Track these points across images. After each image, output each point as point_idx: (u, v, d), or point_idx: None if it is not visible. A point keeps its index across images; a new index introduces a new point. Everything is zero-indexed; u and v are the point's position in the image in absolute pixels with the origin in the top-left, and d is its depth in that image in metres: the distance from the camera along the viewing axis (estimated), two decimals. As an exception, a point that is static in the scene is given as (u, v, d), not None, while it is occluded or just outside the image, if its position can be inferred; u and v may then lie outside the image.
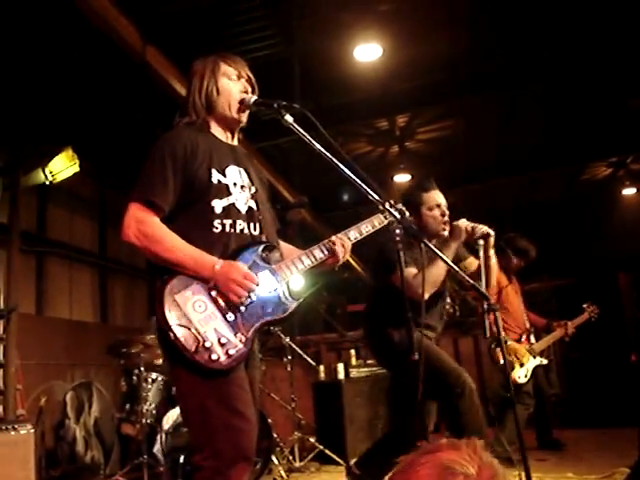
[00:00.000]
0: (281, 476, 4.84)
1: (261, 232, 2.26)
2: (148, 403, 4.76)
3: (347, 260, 2.38)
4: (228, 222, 2.16)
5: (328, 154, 2.21)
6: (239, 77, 2.32)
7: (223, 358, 1.97)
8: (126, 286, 8.33)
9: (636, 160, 10.34)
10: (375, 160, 8.97)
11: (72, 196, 7.40)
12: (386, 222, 2.41)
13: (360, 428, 5.64)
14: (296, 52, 6.24)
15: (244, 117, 2.32)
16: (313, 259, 2.25)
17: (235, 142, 2.38)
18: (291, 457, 5.32)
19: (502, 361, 4.70)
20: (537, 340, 5.26)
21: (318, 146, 2.21)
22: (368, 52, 6.37)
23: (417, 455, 1.12)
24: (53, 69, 5.63)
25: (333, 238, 2.29)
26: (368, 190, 2.22)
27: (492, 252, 3.25)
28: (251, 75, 2.36)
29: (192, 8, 5.27)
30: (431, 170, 9.52)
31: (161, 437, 4.46)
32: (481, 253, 3.06)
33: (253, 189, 2.30)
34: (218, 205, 2.15)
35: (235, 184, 2.23)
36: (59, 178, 6.19)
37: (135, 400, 4.82)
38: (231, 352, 1.99)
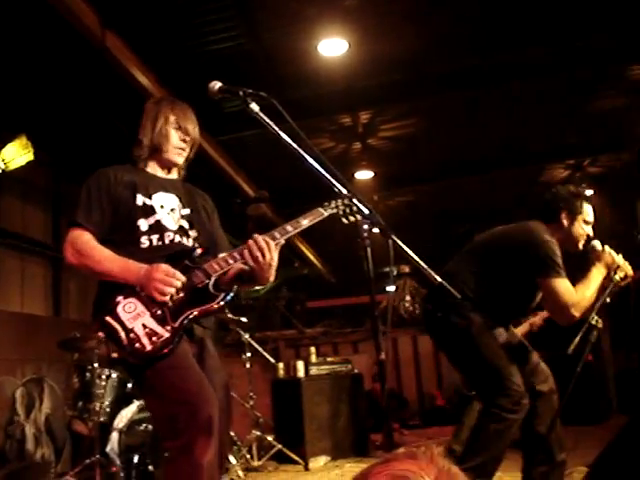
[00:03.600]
0: (238, 475, 4.75)
1: (194, 244, 2.54)
2: (101, 401, 4.61)
3: (308, 256, 2.40)
4: (155, 237, 2.45)
5: (294, 145, 2.17)
6: (180, 127, 2.62)
7: (149, 347, 2.20)
8: (80, 279, 8.10)
9: (593, 163, 10.53)
10: (337, 156, 8.91)
11: (25, 185, 7.16)
12: (326, 214, 2.50)
13: (319, 427, 5.58)
14: (259, 44, 6.15)
15: (180, 160, 2.65)
16: (238, 257, 2.39)
17: (173, 176, 2.69)
18: (249, 456, 5.24)
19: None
20: None
21: (284, 136, 2.17)
22: (333, 47, 6.30)
23: (372, 466, 1.08)
24: (6, 52, 5.41)
25: (249, 241, 2.36)
26: (336, 183, 2.17)
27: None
28: (191, 126, 2.65)
29: (154, -5, 5.13)
30: (393, 168, 9.58)
31: (114, 436, 4.34)
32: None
33: (185, 211, 2.59)
34: (144, 224, 2.45)
35: (162, 206, 2.52)
36: (12, 166, 5.97)
37: (88, 397, 4.65)
38: (154, 339, 2.22)
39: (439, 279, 2.14)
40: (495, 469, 3.09)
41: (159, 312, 2.27)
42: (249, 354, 5.56)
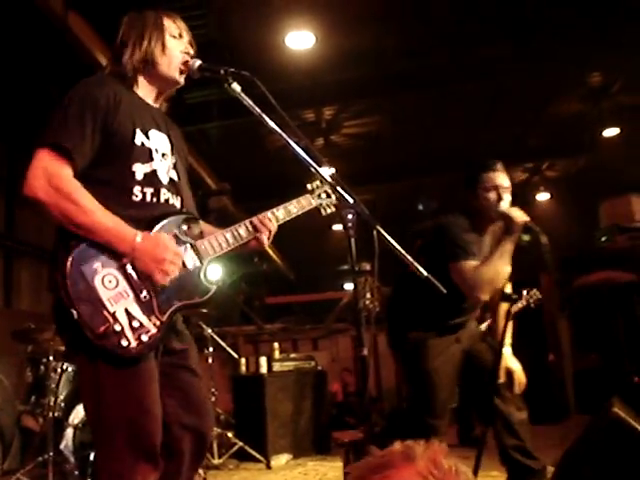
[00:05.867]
0: (199, 474, 4.62)
1: (182, 205, 2.07)
2: (56, 395, 4.42)
3: (266, 251, 2.25)
4: (149, 191, 1.91)
5: (278, 129, 2.07)
6: (181, 36, 2.12)
7: (134, 344, 1.71)
8: (34, 269, 7.81)
9: (551, 167, 10.71)
10: (300, 151, 8.85)
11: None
12: (314, 204, 2.31)
13: (282, 424, 5.47)
14: (225, 33, 6.05)
15: (182, 79, 2.11)
16: (238, 237, 2.06)
17: (159, 105, 2.15)
18: (209, 454, 5.11)
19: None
20: None
21: (267, 119, 2.07)
22: (300, 40, 6.24)
23: (368, 470, 0.99)
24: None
25: (260, 216, 2.13)
26: (321, 172, 2.09)
27: None
28: (191, 37, 2.16)
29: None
30: (354, 165, 9.53)
31: (69, 432, 4.17)
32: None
33: (173, 159, 2.07)
34: (140, 170, 1.89)
35: (157, 150, 1.98)
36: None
37: (41, 392, 4.46)
38: (143, 338, 1.73)
39: (425, 273, 2.07)
40: None
41: (146, 297, 1.77)
42: (212, 349, 5.43)
